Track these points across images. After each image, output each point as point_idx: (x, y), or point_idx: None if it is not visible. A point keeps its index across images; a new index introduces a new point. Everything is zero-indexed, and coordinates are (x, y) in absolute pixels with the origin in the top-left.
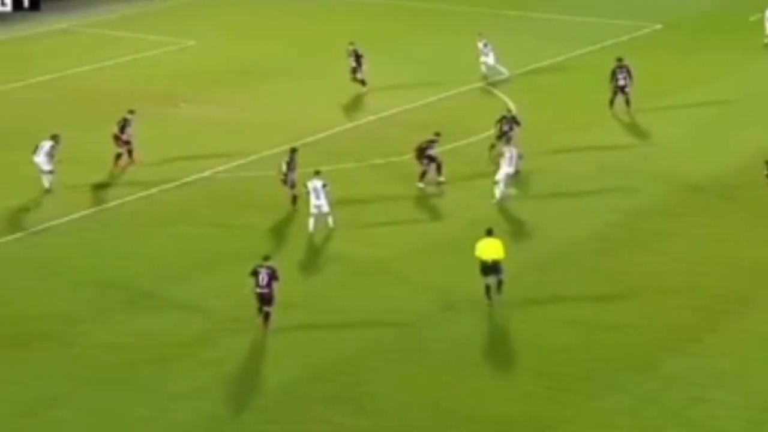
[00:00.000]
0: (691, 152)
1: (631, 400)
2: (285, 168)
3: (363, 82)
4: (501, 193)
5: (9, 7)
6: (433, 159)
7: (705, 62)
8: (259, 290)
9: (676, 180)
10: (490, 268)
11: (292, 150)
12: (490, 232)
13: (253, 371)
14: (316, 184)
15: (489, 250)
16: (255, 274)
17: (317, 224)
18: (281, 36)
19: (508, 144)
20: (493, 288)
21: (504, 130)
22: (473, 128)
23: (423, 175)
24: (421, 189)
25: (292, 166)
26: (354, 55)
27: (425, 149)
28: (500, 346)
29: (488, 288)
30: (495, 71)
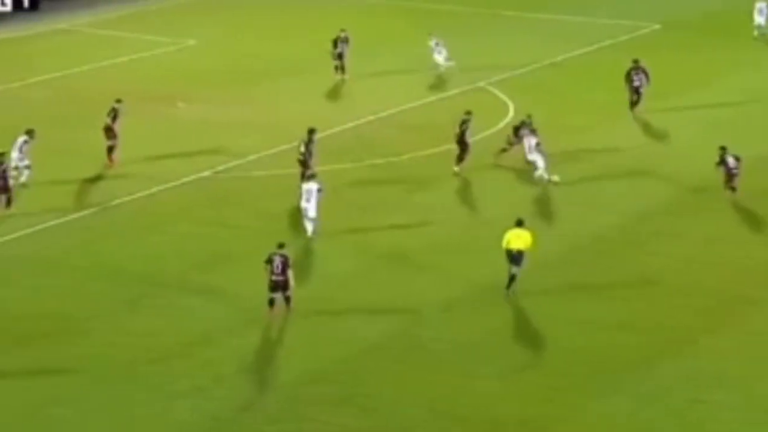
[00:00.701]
0: (694, 153)
1: (630, 401)
2: (303, 148)
3: (343, 69)
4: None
5: (9, 7)
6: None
7: (706, 62)
8: (275, 277)
9: (679, 181)
10: (514, 258)
11: (311, 131)
12: (520, 222)
13: (254, 371)
14: (311, 186)
15: (516, 239)
16: (270, 262)
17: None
18: (281, 36)
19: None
20: (515, 278)
21: (521, 135)
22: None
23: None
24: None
25: (311, 147)
26: (344, 41)
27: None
28: (498, 346)
29: (513, 277)
30: (445, 67)
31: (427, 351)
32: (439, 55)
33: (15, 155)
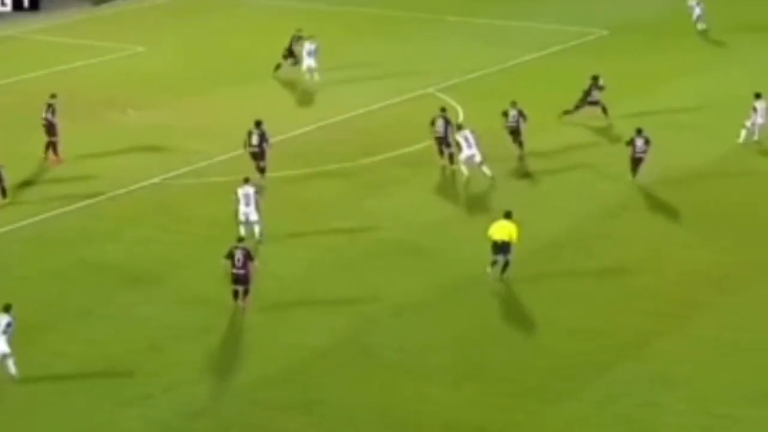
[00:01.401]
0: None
1: (582, 406)
2: (255, 140)
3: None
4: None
5: (9, 7)
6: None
7: (656, 66)
8: (236, 271)
9: (628, 184)
10: (499, 248)
11: (257, 123)
12: (508, 215)
13: (204, 378)
14: (248, 190)
15: (500, 231)
16: (230, 256)
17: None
18: (230, 42)
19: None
20: (499, 266)
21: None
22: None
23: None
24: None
25: (264, 140)
26: (296, 40)
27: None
28: (449, 352)
29: (493, 263)
30: (311, 74)
31: (380, 357)
32: (310, 59)
33: None
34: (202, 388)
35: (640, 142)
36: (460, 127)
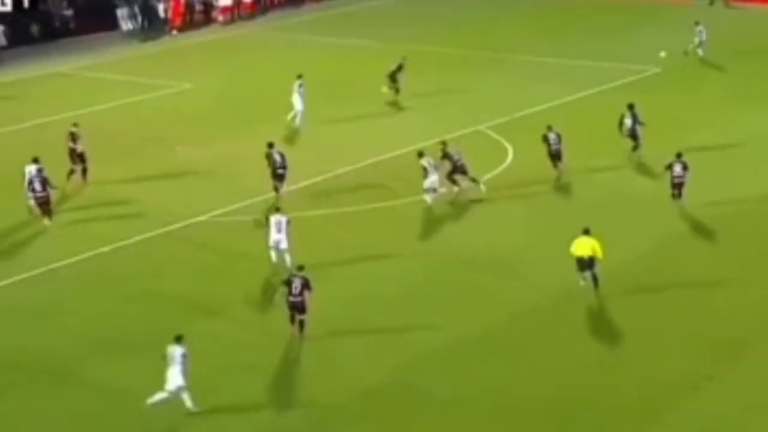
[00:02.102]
0: (697, 193)
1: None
2: (278, 158)
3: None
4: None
5: (9, 7)
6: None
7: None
8: (293, 299)
9: (680, 221)
10: (584, 264)
11: (270, 144)
12: (587, 231)
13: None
14: (280, 219)
15: (582, 247)
16: (288, 284)
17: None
18: (277, 79)
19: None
20: (588, 281)
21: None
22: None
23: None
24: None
25: (285, 160)
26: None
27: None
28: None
29: (584, 279)
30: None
31: (426, 399)
32: (295, 96)
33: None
34: (248, 424)
35: (678, 168)
36: (421, 155)
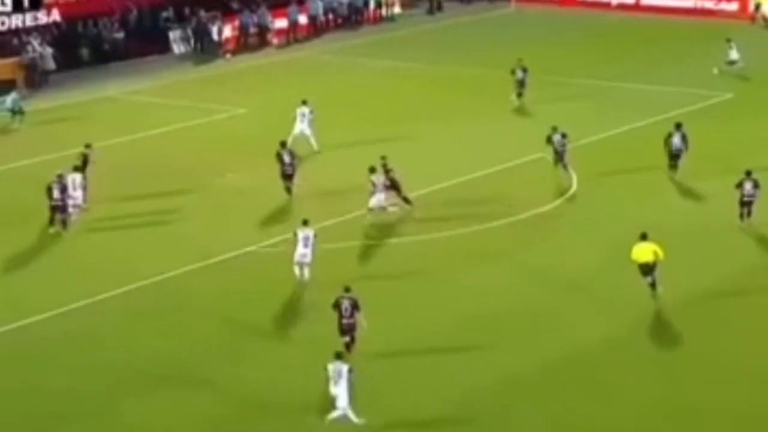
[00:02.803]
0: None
1: None
2: (288, 159)
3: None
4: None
5: (9, 7)
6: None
7: None
8: (345, 321)
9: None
10: (645, 270)
11: (282, 143)
12: (644, 236)
13: None
14: (308, 233)
15: (644, 252)
16: (337, 306)
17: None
18: (333, 103)
19: None
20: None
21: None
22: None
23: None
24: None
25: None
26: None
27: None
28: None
29: (652, 285)
30: (304, 139)
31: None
32: (302, 123)
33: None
34: None
35: (749, 186)
36: (373, 170)
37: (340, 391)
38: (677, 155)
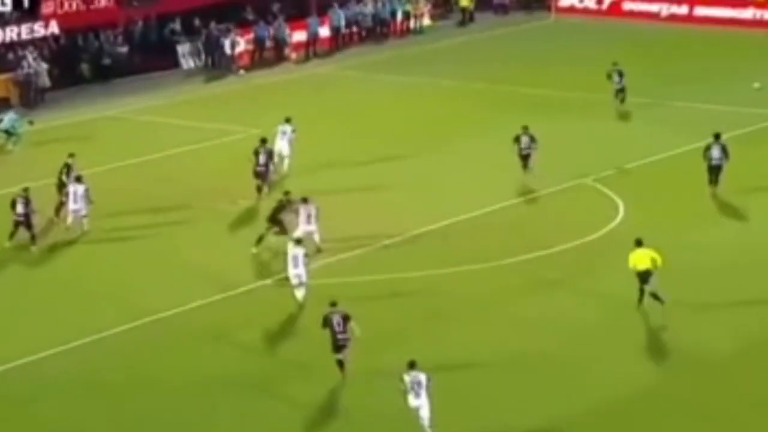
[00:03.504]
0: None
1: None
2: (262, 159)
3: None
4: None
5: (9, 7)
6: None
7: None
8: (340, 336)
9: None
10: (643, 278)
11: (263, 140)
12: (639, 242)
13: None
14: (297, 252)
15: (642, 260)
16: (328, 322)
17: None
18: (349, 124)
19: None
20: (646, 294)
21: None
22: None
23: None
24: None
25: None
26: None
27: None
28: None
29: (642, 292)
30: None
31: None
32: (282, 141)
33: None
34: None
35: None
36: (306, 200)
37: (422, 402)
38: (717, 168)
